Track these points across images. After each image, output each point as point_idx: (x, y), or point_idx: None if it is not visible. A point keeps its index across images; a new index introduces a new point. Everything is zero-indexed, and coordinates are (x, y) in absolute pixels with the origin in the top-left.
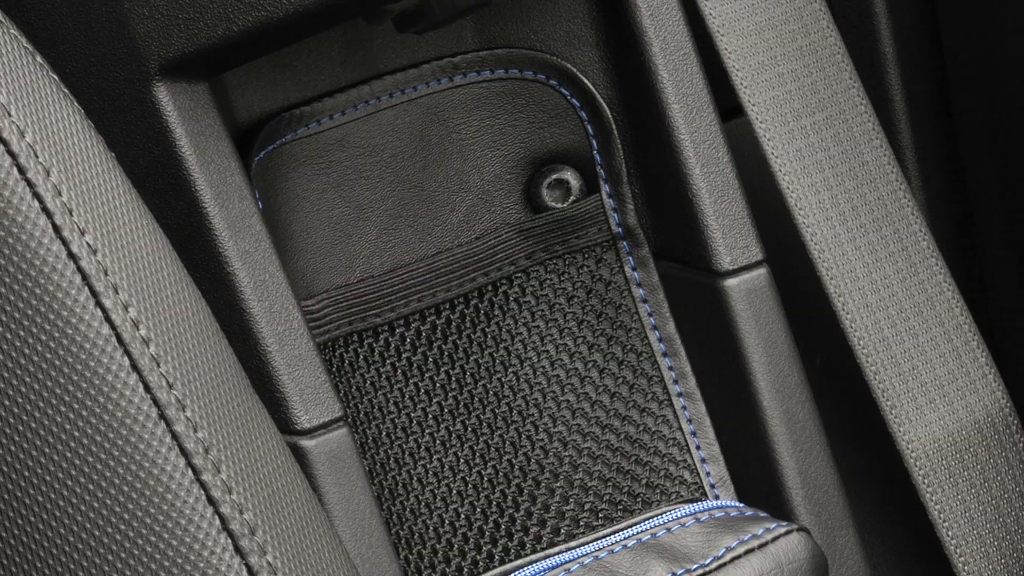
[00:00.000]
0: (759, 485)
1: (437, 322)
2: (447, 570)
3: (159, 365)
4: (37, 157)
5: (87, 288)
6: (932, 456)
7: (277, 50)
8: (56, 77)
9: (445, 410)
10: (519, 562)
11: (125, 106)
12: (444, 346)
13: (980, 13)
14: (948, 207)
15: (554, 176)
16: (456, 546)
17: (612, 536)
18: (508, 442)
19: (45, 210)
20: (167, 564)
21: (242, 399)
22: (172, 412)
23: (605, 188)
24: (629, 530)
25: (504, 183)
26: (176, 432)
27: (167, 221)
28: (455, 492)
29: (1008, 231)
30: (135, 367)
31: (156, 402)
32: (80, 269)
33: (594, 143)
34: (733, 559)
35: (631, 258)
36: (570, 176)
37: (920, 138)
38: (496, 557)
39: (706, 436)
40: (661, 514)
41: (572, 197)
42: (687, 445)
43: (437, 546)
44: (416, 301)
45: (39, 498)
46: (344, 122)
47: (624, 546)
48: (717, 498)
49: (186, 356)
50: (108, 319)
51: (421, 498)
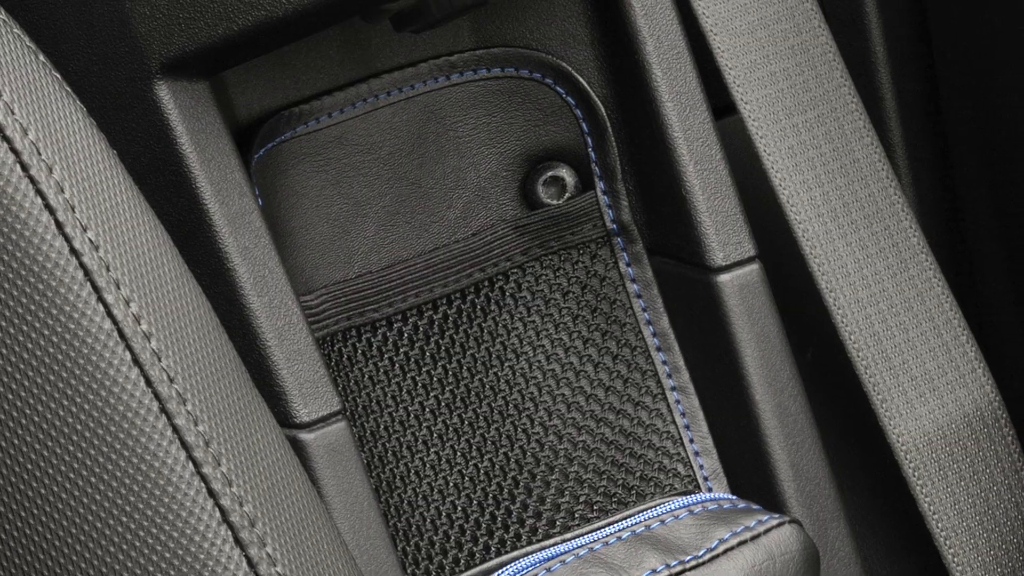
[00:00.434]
0: (752, 478)
1: (434, 317)
2: (444, 561)
3: (160, 359)
4: (40, 154)
5: (89, 284)
6: (922, 449)
7: (276, 49)
8: (59, 76)
9: (442, 404)
10: (515, 553)
11: (127, 104)
12: (441, 341)
13: (970, 13)
14: (937, 203)
15: (549, 173)
16: (453, 538)
17: (607, 528)
18: (504, 435)
19: (48, 207)
20: (168, 555)
21: (242, 393)
22: (173, 406)
23: (600, 185)
24: (623, 522)
25: (500, 180)
26: (177, 426)
27: (168, 217)
28: (452, 485)
29: (996, 227)
30: (137, 361)
31: (157, 396)
32: (82, 265)
33: (589, 141)
34: (726, 550)
35: (625, 254)
36: (565, 173)
37: (910, 136)
38: (492, 548)
39: (699, 429)
40: (655, 506)
41: (567, 194)
42: (680, 438)
43: (434, 538)
44: (413, 296)
45: (42, 491)
46: (342, 120)
47: (619, 538)
48: (710, 491)
49: (187, 351)
50: (110, 314)
51: (418, 490)
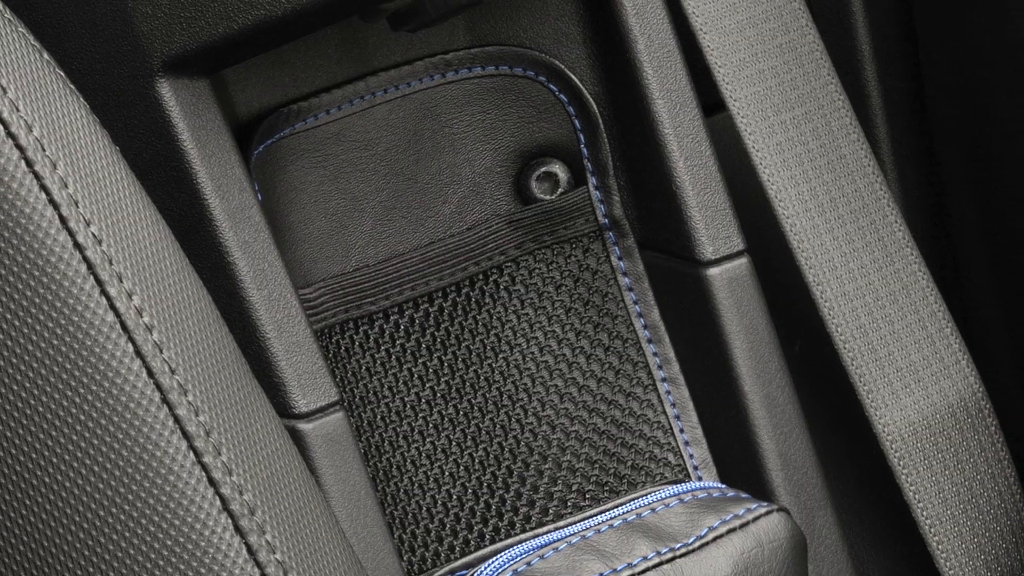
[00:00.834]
0: (740, 467)
1: (430, 310)
2: (440, 549)
3: (162, 351)
4: (44, 150)
5: (92, 277)
6: (907, 439)
7: (276, 47)
8: (62, 73)
9: (438, 394)
10: (509, 541)
11: (129, 101)
12: (437, 333)
13: (955, 12)
14: (922, 199)
15: (543, 169)
16: (448, 526)
17: (599, 516)
18: (498, 425)
19: (52, 201)
20: (169, 543)
21: (242, 384)
22: (174, 396)
23: (592, 180)
24: (615, 510)
25: (495, 176)
26: (178, 416)
27: (170, 212)
28: (447, 474)
29: (980, 223)
30: (139, 353)
31: (159, 387)
32: (86, 258)
33: (581, 137)
34: (715, 538)
35: (617, 248)
36: (558, 169)
37: (896, 133)
38: (487, 536)
39: (689, 420)
40: (646, 495)
41: (560, 189)
42: (671, 428)
43: (430, 525)
44: (410, 289)
45: (45, 479)
46: (340, 117)
47: (610, 525)
48: (700, 479)
49: (188, 342)
50: (112, 307)
51: (415, 479)
